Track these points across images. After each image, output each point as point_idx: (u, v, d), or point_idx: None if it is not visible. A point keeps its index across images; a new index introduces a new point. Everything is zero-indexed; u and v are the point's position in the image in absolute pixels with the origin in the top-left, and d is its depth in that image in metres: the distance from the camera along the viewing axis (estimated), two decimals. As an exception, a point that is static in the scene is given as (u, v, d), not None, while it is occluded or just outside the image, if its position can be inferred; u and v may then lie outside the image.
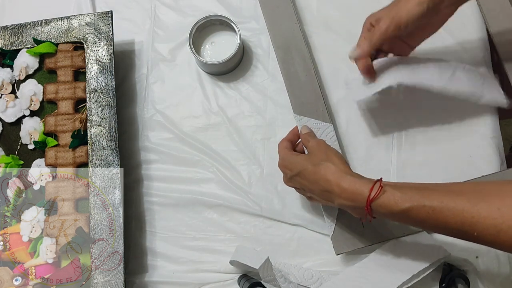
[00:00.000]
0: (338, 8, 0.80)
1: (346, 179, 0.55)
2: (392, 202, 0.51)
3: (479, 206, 0.47)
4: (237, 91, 0.78)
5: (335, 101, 0.75)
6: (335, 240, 0.65)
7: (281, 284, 0.66)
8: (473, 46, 0.76)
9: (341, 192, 0.55)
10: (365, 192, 0.53)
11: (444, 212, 0.48)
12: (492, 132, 0.72)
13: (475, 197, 0.48)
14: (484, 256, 0.66)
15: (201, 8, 0.82)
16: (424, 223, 0.51)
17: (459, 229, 0.48)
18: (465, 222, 0.47)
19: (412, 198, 0.50)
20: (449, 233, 0.50)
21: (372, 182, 0.54)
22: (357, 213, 0.56)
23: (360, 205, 0.53)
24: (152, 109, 0.78)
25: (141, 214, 0.75)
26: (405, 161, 0.72)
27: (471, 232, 0.47)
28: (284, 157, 0.64)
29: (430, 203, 0.49)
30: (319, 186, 0.57)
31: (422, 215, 0.50)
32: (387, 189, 0.52)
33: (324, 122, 0.69)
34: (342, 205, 0.56)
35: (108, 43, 0.74)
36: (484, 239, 0.47)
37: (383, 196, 0.52)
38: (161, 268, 0.72)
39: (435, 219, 0.49)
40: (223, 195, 0.73)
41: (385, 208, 0.52)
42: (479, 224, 0.46)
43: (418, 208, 0.50)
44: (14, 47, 0.75)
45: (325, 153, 0.60)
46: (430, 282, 0.65)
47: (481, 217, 0.46)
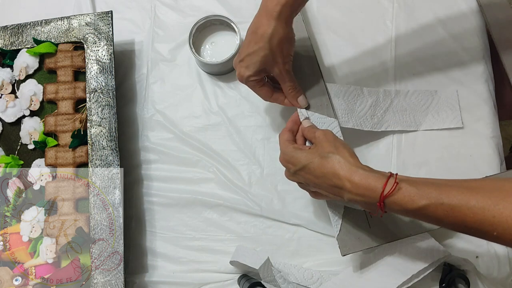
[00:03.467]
0: (338, 8, 0.80)
1: (358, 173, 0.52)
2: (408, 199, 0.49)
3: (501, 205, 0.44)
4: (237, 91, 0.78)
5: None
6: (341, 241, 0.63)
7: (281, 284, 0.66)
8: (472, 45, 0.76)
9: (353, 187, 0.52)
10: (378, 188, 0.50)
11: (464, 210, 0.46)
12: (492, 132, 0.72)
13: (496, 196, 0.45)
14: (484, 256, 0.66)
15: (201, 8, 0.82)
16: (441, 221, 0.48)
17: (478, 228, 0.46)
18: (485, 222, 0.45)
19: (429, 195, 0.48)
20: (467, 232, 0.48)
21: (385, 176, 0.51)
22: (367, 208, 0.54)
23: (373, 201, 0.51)
24: (152, 109, 0.78)
25: (141, 214, 0.75)
26: (405, 161, 0.72)
27: (491, 232, 0.45)
28: (286, 151, 0.60)
29: (449, 200, 0.47)
30: (328, 181, 0.54)
31: (439, 213, 0.47)
32: (403, 186, 0.49)
33: (328, 117, 0.67)
34: (352, 200, 0.53)
35: (108, 43, 0.74)
36: (504, 239, 0.45)
37: (398, 193, 0.49)
38: (161, 268, 0.72)
39: (453, 217, 0.47)
40: (223, 195, 0.73)
41: (399, 205, 0.49)
42: (501, 224, 0.44)
43: (436, 206, 0.47)
44: (14, 47, 0.75)
45: (334, 145, 0.56)
46: (430, 282, 0.65)
47: (503, 216, 0.44)
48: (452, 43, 0.76)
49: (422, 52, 0.76)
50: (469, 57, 0.75)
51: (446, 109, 0.72)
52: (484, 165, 0.70)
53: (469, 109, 0.73)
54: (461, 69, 0.75)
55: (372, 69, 0.76)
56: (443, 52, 0.76)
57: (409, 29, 0.78)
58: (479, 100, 0.73)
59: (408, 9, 0.79)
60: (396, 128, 0.72)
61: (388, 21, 0.78)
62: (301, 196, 0.72)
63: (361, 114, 0.70)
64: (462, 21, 0.77)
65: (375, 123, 0.70)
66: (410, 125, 0.72)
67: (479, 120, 0.73)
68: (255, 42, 0.60)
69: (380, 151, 0.73)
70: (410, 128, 0.72)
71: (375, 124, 0.71)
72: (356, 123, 0.69)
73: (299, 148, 0.59)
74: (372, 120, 0.70)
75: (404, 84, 0.75)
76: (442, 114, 0.72)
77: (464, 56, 0.76)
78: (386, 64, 0.76)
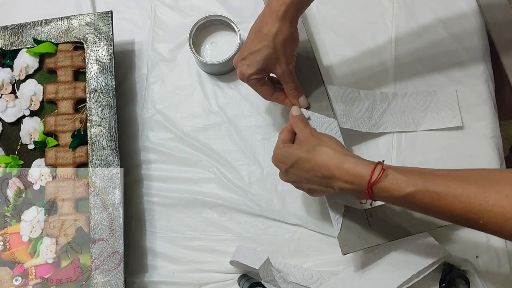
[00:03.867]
0: (338, 8, 0.80)
1: (346, 160, 0.53)
2: (395, 185, 0.49)
3: (487, 193, 0.44)
4: (237, 91, 0.78)
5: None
6: (342, 240, 0.62)
7: (281, 284, 0.66)
8: (472, 45, 0.76)
9: (341, 175, 0.52)
10: (366, 175, 0.51)
11: (450, 198, 0.46)
12: (492, 132, 0.72)
13: (483, 184, 0.45)
14: (484, 256, 0.66)
15: (201, 8, 0.82)
16: (428, 208, 0.49)
17: (464, 216, 0.46)
18: (471, 210, 0.45)
19: (416, 182, 0.48)
20: (453, 220, 0.48)
21: (373, 164, 0.52)
22: (357, 196, 0.54)
23: (361, 188, 0.52)
24: (152, 109, 0.78)
25: (141, 214, 0.75)
26: (405, 161, 0.72)
27: (477, 220, 0.45)
28: (276, 151, 0.61)
29: (435, 188, 0.47)
30: (317, 173, 0.55)
31: (426, 200, 0.48)
32: (390, 172, 0.50)
33: (328, 117, 0.67)
34: (342, 188, 0.54)
35: (108, 43, 0.74)
36: (490, 228, 0.45)
37: (385, 180, 0.50)
38: (161, 268, 0.72)
39: (439, 205, 0.47)
40: (223, 195, 0.73)
41: (387, 192, 0.50)
42: (486, 212, 0.44)
43: (422, 193, 0.48)
44: (14, 47, 0.75)
45: (318, 138, 0.57)
46: (430, 282, 0.65)
47: (488, 204, 0.44)
48: (452, 43, 0.76)
49: (422, 52, 0.76)
50: (469, 57, 0.75)
51: (445, 109, 0.72)
52: (484, 165, 0.70)
53: (469, 109, 0.73)
54: (461, 69, 0.75)
55: (372, 69, 0.76)
56: (443, 52, 0.76)
57: (409, 29, 0.78)
58: (479, 100, 0.73)
59: (408, 9, 0.79)
60: (395, 129, 0.72)
61: (388, 21, 0.78)
62: (301, 196, 0.72)
63: (359, 116, 0.70)
64: (462, 21, 0.77)
65: (372, 125, 0.71)
66: (408, 125, 0.72)
67: (479, 120, 0.73)
68: (259, 40, 0.60)
69: (380, 151, 0.73)
70: (409, 129, 0.72)
71: (373, 126, 0.71)
72: (354, 124, 0.69)
73: (287, 146, 0.60)
74: (370, 122, 0.70)
75: (404, 84, 0.75)
76: (442, 113, 0.72)
77: (464, 56, 0.76)
78: (386, 64, 0.76)
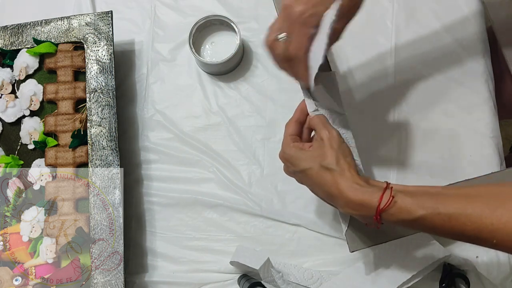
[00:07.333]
0: (338, 8, 0.80)
1: (353, 188, 0.50)
2: (404, 211, 0.48)
3: (498, 212, 0.43)
4: (237, 91, 0.78)
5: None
6: (349, 237, 0.61)
7: (280, 285, 0.66)
8: (472, 45, 0.76)
9: (347, 203, 0.51)
10: (374, 202, 0.49)
11: (461, 219, 0.45)
12: (492, 132, 0.72)
13: (494, 202, 0.44)
14: (484, 256, 0.66)
15: (201, 8, 0.82)
16: (439, 230, 0.48)
17: (477, 236, 0.45)
18: (483, 229, 0.44)
19: (425, 205, 0.47)
20: (466, 240, 0.47)
21: (381, 189, 0.50)
22: (364, 220, 0.53)
23: (369, 215, 0.50)
24: (152, 109, 0.78)
25: (141, 214, 0.75)
26: (405, 161, 0.72)
27: (490, 239, 0.44)
28: (286, 150, 0.57)
29: (446, 210, 0.46)
30: (324, 191, 0.53)
31: (437, 222, 0.47)
32: (398, 198, 0.48)
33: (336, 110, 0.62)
34: (348, 213, 0.53)
35: (108, 43, 0.74)
36: (504, 246, 0.44)
37: (394, 206, 0.48)
38: (161, 268, 0.72)
39: (450, 227, 0.46)
40: (223, 195, 0.73)
41: (396, 217, 0.49)
42: (499, 231, 0.43)
43: (432, 216, 0.46)
44: (14, 47, 0.75)
45: (335, 156, 0.53)
46: (430, 282, 0.65)
47: (501, 223, 0.43)
48: (452, 43, 0.76)
49: (422, 52, 0.76)
50: (469, 57, 0.75)
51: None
52: (484, 165, 0.70)
53: (469, 109, 0.73)
54: (461, 69, 0.75)
55: (372, 69, 0.76)
56: (443, 52, 0.76)
57: (409, 29, 0.78)
58: (479, 100, 0.73)
59: (408, 9, 0.79)
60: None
61: (388, 21, 0.78)
62: (301, 196, 0.72)
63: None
64: (462, 21, 0.77)
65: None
66: None
67: (479, 120, 0.73)
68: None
69: (381, 151, 0.73)
70: None
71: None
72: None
73: (299, 148, 0.56)
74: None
75: (404, 84, 0.75)
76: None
77: (464, 56, 0.76)
78: (385, 64, 0.76)
